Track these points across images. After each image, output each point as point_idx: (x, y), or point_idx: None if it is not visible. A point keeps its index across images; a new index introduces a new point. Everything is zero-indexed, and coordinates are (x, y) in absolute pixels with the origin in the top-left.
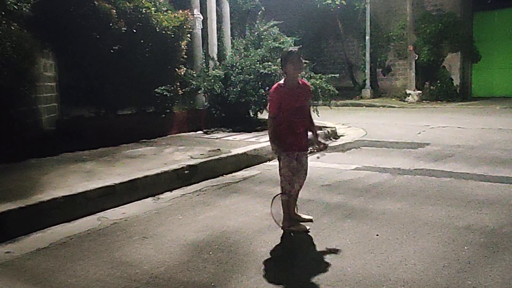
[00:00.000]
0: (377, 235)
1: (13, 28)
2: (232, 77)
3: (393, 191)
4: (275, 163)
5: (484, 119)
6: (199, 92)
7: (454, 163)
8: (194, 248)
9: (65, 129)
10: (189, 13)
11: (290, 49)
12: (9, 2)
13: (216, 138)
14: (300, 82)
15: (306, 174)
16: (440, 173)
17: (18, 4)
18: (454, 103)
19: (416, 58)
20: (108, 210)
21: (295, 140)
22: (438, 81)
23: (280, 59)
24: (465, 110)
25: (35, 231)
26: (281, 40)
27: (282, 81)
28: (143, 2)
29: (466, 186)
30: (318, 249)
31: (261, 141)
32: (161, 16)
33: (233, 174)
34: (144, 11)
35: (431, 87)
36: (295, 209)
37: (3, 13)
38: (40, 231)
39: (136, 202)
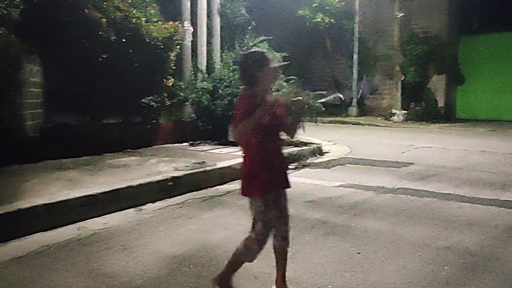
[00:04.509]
0: (359, 253)
1: (1, 32)
2: (220, 90)
3: (376, 210)
4: None
5: (467, 141)
6: (186, 103)
7: (437, 183)
8: (174, 261)
9: (49, 136)
10: (180, 25)
11: (261, 50)
12: None
13: (202, 151)
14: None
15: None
16: (423, 193)
17: (7, 8)
18: (439, 124)
19: (402, 78)
20: (89, 220)
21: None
22: (423, 102)
23: (245, 62)
24: (449, 131)
25: (13, 239)
26: (270, 55)
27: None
28: (133, 12)
29: (448, 206)
30: (300, 266)
31: None
32: (151, 27)
33: (217, 187)
34: (134, 21)
35: (416, 108)
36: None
37: None
38: (18, 239)
39: (118, 212)
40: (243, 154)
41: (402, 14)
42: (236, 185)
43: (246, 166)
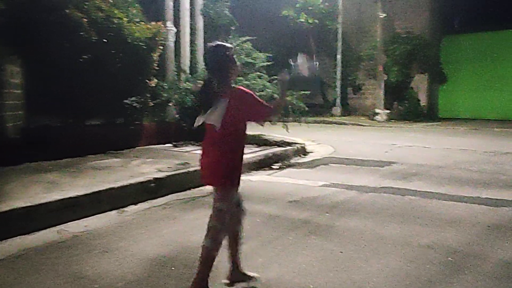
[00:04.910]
0: (341, 252)
1: None
2: None
3: (359, 209)
4: (243, 177)
5: (449, 140)
6: (169, 104)
7: (419, 181)
8: (156, 263)
9: (30, 138)
10: (162, 25)
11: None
12: None
13: (185, 152)
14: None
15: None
16: (405, 192)
17: None
18: (421, 123)
19: (385, 78)
20: (70, 223)
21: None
22: (406, 101)
23: (216, 55)
24: (431, 130)
25: None
26: (254, 56)
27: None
28: (115, 12)
29: (430, 205)
30: (283, 265)
31: None
32: (133, 27)
33: (201, 188)
34: (116, 21)
35: (399, 107)
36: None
37: None
38: None
39: (99, 215)
40: (221, 146)
41: (385, 15)
42: None
43: (226, 157)
